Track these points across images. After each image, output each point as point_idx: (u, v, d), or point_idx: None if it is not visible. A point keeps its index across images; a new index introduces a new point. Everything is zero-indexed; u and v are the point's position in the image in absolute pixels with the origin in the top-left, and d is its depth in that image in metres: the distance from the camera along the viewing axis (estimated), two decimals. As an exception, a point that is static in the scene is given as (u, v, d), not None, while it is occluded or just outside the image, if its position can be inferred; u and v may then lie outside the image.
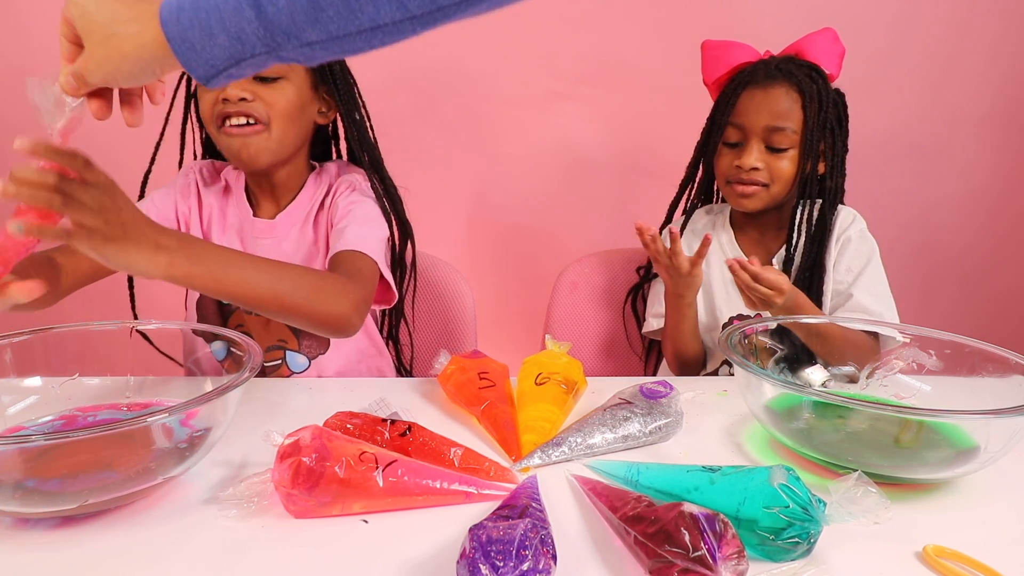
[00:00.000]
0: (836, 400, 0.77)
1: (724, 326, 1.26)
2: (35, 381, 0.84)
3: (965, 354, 0.89)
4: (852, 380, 0.99)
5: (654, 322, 1.30)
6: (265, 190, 1.12)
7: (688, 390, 0.92)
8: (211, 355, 1.04)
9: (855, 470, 0.63)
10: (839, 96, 1.20)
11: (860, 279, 1.17)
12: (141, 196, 1.11)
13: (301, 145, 1.10)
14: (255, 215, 1.12)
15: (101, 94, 0.66)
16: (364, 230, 1.03)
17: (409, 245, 1.17)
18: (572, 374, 0.96)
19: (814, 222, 1.21)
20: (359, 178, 1.13)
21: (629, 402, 0.87)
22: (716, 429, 0.89)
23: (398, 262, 1.17)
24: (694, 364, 1.26)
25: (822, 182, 1.20)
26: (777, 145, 1.16)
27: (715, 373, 1.27)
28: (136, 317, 1.14)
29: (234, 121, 0.99)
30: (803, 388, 0.91)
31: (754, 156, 1.17)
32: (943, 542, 0.64)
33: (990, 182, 1.83)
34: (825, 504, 0.62)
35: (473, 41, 1.64)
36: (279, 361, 1.13)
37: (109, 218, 0.68)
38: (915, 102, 1.75)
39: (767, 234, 1.25)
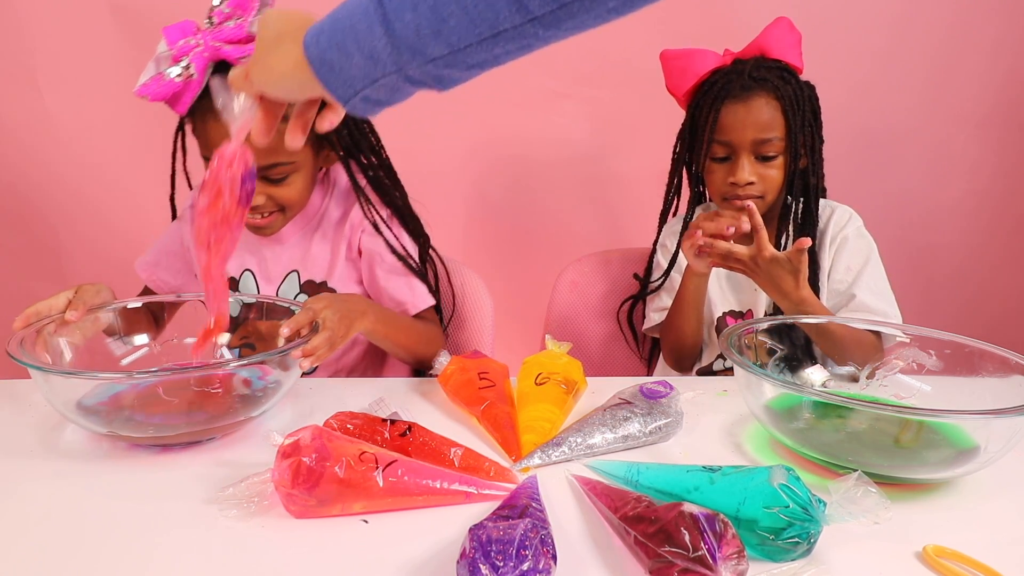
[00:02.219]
0: (836, 400, 0.77)
1: (717, 320, 1.26)
2: (143, 338, 1.02)
3: (965, 354, 0.88)
4: (853, 379, 0.99)
5: (656, 316, 1.30)
6: None
7: (688, 390, 0.92)
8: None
9: (855, 470, 0.63)
10: (811, 90, 1.19)
11: (861, 278, 1.17)
12: (174, 215, 1.22)
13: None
14: None
15: (267, 115, 0.70)
16: (415, 282, 1.16)
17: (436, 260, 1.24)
18: (572, 374, 0.96)
19: (800, 218, 1.20)
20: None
21: (629, 402, 0.87)
22: (716, 429, 0.89)
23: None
24: (692, 355, 1.26)
25: (804, 177, 1.19)
26: (766, 154, 1.16)
27: (710, 368, 1.27)
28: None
29: (249, 216, 1.08)
30: (803, 388, 0.91)
31: (747, 171, 1.16)
32: (943, 542, 0.64)
33: (991, 183, 1.82)
34: (825, 504, 0.62)
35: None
36: None
37: (341, 333, 0.93)
38: (916, 103, 1.75)
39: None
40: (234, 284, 1.17)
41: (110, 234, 1.68)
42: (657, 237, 1.35)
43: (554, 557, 0.56)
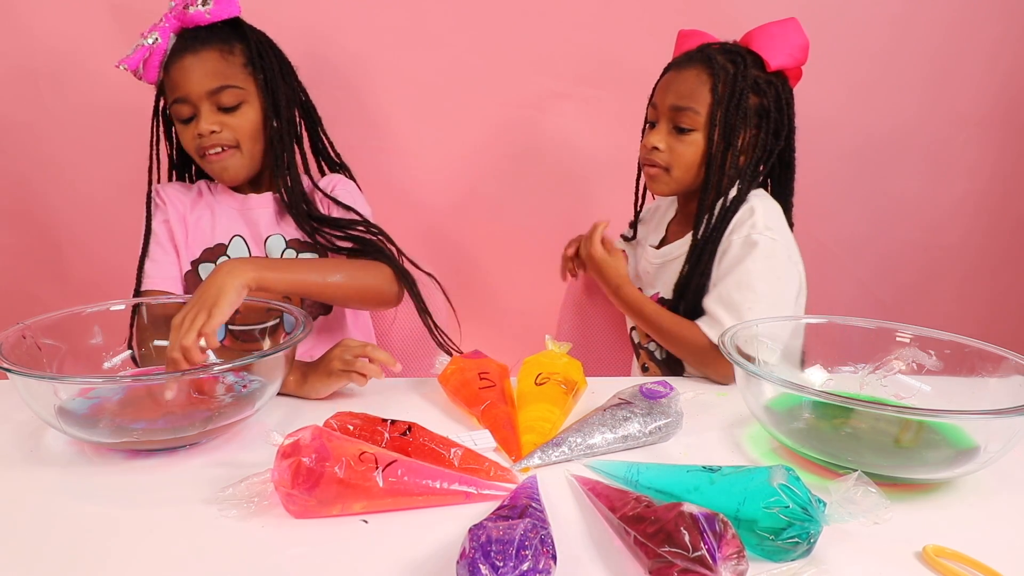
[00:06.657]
0: (836, 400, 0.77)
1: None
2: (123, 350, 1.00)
3: (965, 354, 0.88)
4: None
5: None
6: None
7: (688, 390, 0.92)
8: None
9: (855, 470, 0.63)
10: (769, 86, 1.13)
11: (719, 284, 1.10)
12: (147, 228, 1.21)
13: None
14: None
15: None
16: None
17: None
18: (572, 374, 0.96)
19: (715, 212, 1.14)
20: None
21: (629, 402, 0.87)
22: (716, 429, 0.89)
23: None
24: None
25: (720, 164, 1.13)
26: (681, 125, 1.13)
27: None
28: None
29: (212, 151, 1.14)
30: (803, 388, 0.91)
31: (657, 136, 1.15)
32: (943, 542, 0.64)
33: (991, 183, 1.82)
34: (825, 504, 0.62)
35: (472, 41, 1.64)
36: None
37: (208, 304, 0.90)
38: (916, 103, 1.74)
39: (692, 218, 1.19)
40: (224, 250, 1.20)
41: (110, 234, 1.68)
42: (637, 215, 1.39)
43: (554, 557, 0.56)
